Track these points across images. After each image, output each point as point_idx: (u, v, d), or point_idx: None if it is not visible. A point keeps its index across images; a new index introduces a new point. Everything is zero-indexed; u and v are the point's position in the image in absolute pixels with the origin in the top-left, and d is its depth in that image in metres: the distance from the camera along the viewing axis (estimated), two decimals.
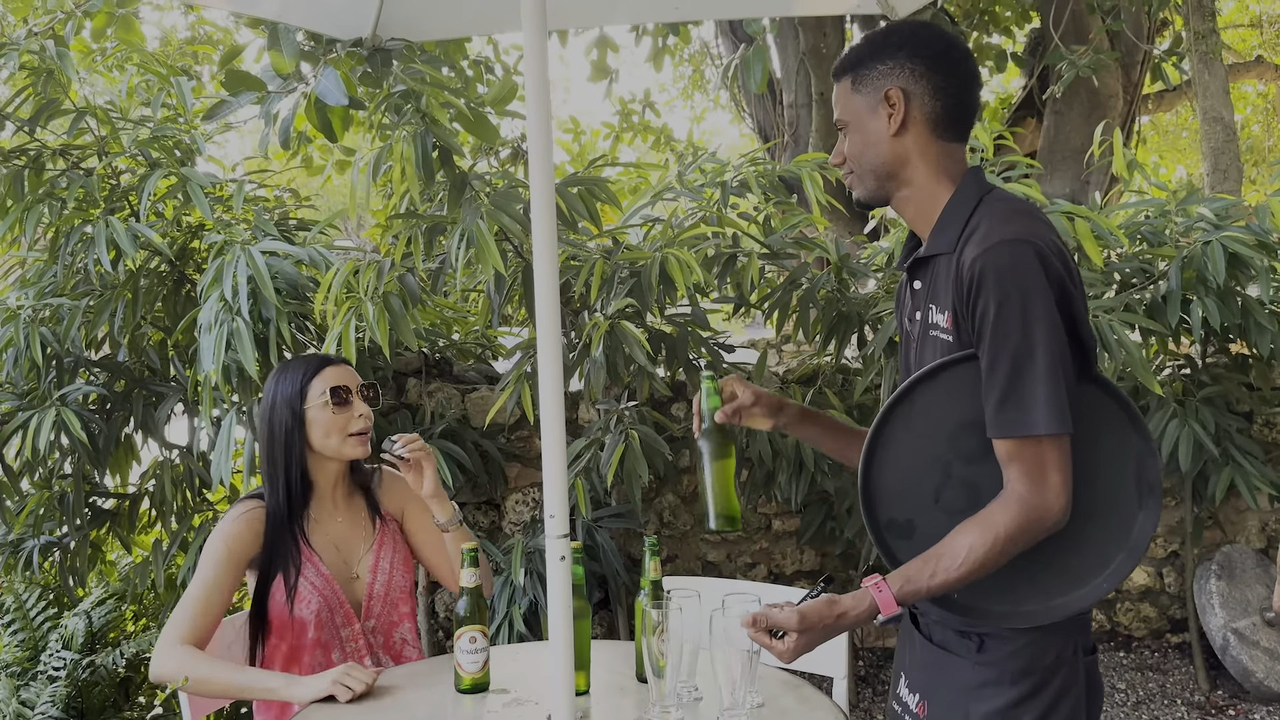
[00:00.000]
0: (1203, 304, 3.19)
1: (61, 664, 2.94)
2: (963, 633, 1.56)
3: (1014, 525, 1.44)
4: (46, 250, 3.19)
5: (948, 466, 1.53)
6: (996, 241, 1.43)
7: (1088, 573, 1.52)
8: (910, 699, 1.66)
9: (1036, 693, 1.51)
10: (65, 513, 3.21)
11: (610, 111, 7.98)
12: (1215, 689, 3.78)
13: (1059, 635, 1.53)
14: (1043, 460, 1.43)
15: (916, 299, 1.62)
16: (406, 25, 2.76)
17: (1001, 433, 1.45)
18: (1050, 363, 1.41)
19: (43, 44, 2.99)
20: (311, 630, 2.12)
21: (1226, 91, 5.02)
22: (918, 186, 1.57)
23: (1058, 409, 1.41)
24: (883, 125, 1.55)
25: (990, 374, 1.44)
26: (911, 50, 1.54)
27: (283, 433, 2.14)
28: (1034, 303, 1.41)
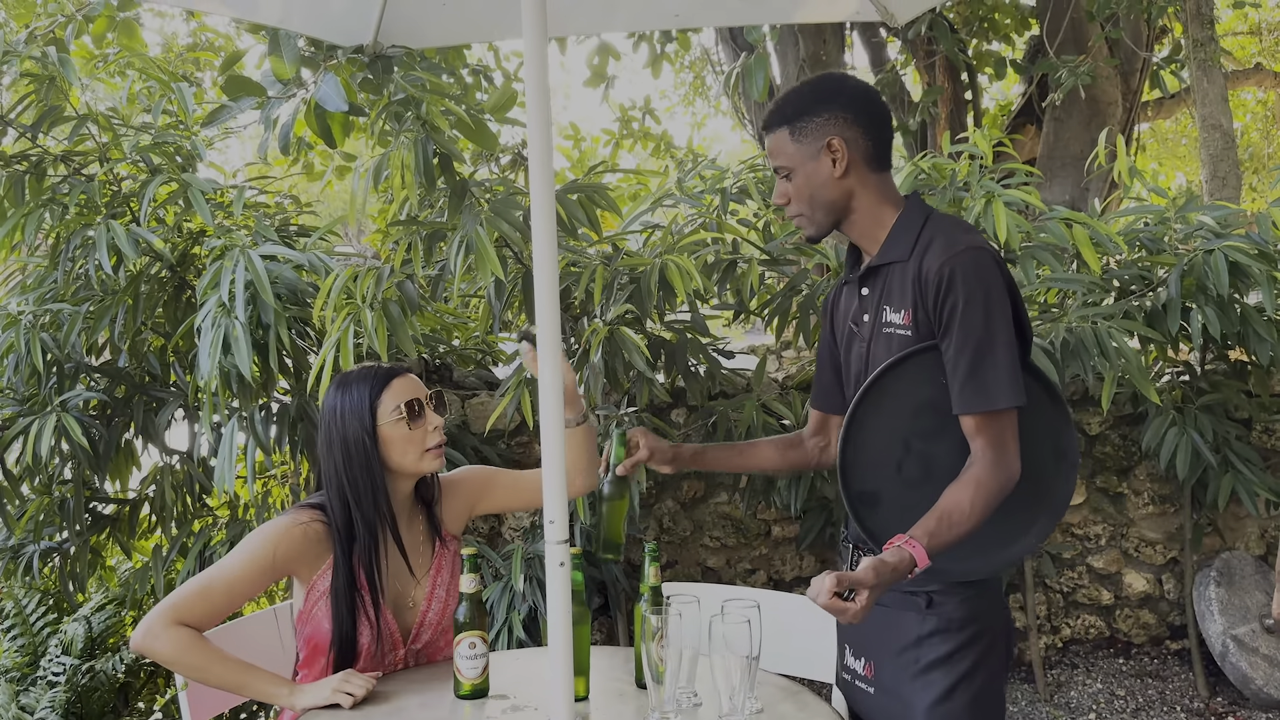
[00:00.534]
0: (1202, 312, 3.20)
1: (61, 669, 2.94)
2: (911, 592, 1.79)
3: (995, 485, 1.68)
4: (47, 256, 3.19)
5: (908, 442, 1.79)
6: (963, 249, 1.70)
7: (1018, 533, 1.79)
8: (856, 664, 1.91)
9: (976, 639, 1.79)
10: (65, 518, 3.21)
11: (610, 118, 7.98)
12: (1215, 695, 3.78)
13: (990, 586, 1.83)
14: (1003, 430, 1.70)
15: (865, 303, 1.87)
16: (407, 32, 2.76)
17: (969, 409, 1.70)
18: (1008, 348, 1.69)
19: (44, 50, 3.00)
20: (362, 659, 2.05)
21: (1225, 99, 5.02)
22: (863, 212, 1.83)
23: (1015, 385, 1.68)
24: (826, 169, 1.80)
25: (957, 360, 1.70)
26: (841, 102, 1.80)
27: (360, 452, 2.00)
28: (994, 299, 1.69)
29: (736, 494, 3.84)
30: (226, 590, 1.96)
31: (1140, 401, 3.67)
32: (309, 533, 2.02)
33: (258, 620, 2.39)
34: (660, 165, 8.32)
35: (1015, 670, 4.02)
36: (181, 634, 1.90)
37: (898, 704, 1.83)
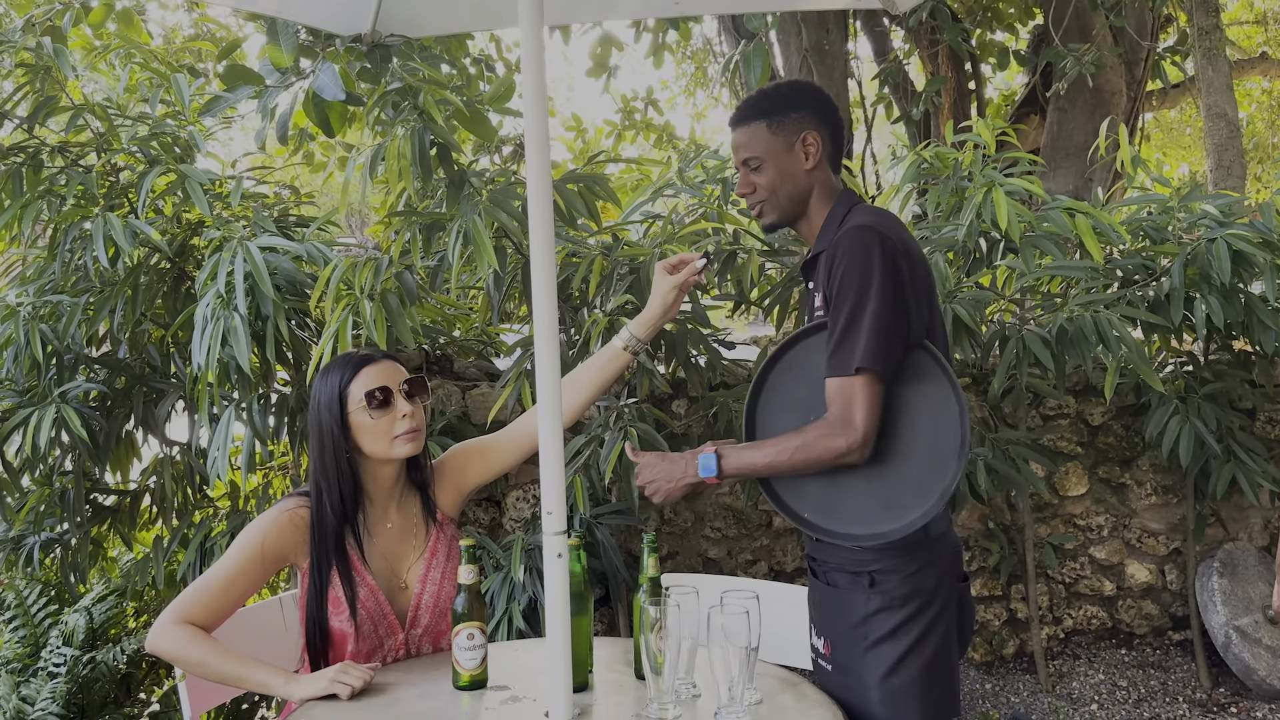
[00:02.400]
0: (1206, 301, 3.18)
1: (62, 660, 2.95)
2: (855, 573, 1.89)
3: (812, 438, 1.81)
4: (46, 247, 3.19)
5: (811, 408, 1.89)
6: (850, 229, 1.87)
7: (909, 507, 1.83)
8: (819, 642, 1.98)
9: (920, 613, 1.87)
10: (66, 509, 3.21)
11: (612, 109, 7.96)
12: (1217, 686, 3.77)
13: (935, 566, 1.90)
14: (851, 397, 1.79)
15: (809, 294, 2.01)
16: (406, 21, 2.75)
17: (830, 373, 1.82)
18: (873, 321, 1.78)
19: (39, 40, 2.98)
20: (353, 643, 2.06)
21: (1230, 88, 5.00)
22: (815, 207, 2.00)
23: (874, 352, 1.77)
24: (799, 161, 1.97)
25: (831, 329, 1.83)
26: (814, 103, 1.98)
27: (330, 442, 2.05)
28: (868, 273, 1.79)
29: (737, 484, 3.83)
30: (223, 587, 1.99)
31: (1143, 392, 3.65)
32: (295, 520, 2.06)
33: (263, 609, 2.39)
34: (663, 156, 8.30)
35: (1017, 661, 4.01)
36: (184, 632, 1.94)
37: (852, 679, 1.90)
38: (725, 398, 3.34)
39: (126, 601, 3.40)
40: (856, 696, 1.89)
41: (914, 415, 1.84)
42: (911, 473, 1.83)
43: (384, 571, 2.13)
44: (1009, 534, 4.00)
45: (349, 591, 2.05)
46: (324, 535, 2.06)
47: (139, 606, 3.53)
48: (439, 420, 3.41)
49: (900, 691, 1.86)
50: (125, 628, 3.44)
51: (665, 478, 1.97)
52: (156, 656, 2.06)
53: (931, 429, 1.84)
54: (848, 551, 1.90)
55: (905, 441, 1.84)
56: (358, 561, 2.09)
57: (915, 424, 1.84)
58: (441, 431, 3.35)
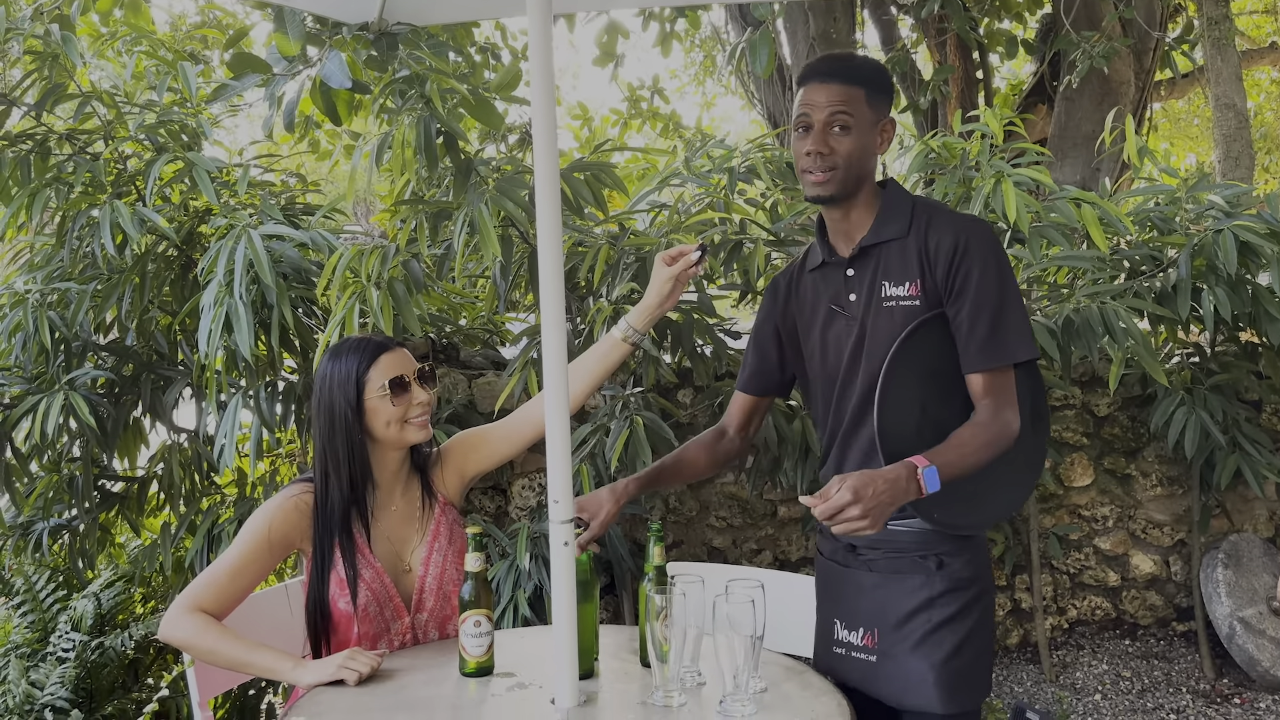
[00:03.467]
0: (1213, 293, 3.17)
1: (71, 645, 2.96)
2: (922, 555, 1.90)
3: (997, 436, 1.80)
4: (54, 234, 3.19)
5: (924, 407, 1.88)
6: (970, 222, 1.87)
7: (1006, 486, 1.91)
8: (852, 636, 1.96)
9: (981, 595, 1.91)
10: (74, 496, 3.23)
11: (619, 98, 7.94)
12: (1221, 677, 3.78)
13: (984, 546, 1.96)
14: (1009, 387, 1.83)
15: (852, 283, 1.95)
16: (412, 10, 2.74)
17: (983, 365, 1.82)
18: (1020, 308, 1.84)
19: (47, 28, 2.99)
20: (359, 625, 2.08)
21: (1239, 78, 4.97)
22: (864, 194, 1.94)
23: (1028, 340, 1.84)
24: (874, 143, 1.91)
25: (974, 321, 1.82)
26: (892, 94, 1.96)
27: (343, 424, 2.06)
28: (1004, 266, 1.84)
29: (743, 474, 3.84)
30: (231, 574, 2.01)
31: (1149, 383, 3.65)
32: (300, 506, 2.08)
33: (270, 595, 2.41)
34: (669, 145, 8.28)
35: (1021, 651, 4.02)
36: (194, 620, 1.97)
37: (903, 667, 1.88)
38: (731, 387, 3.34)
39: (134, 587, 3.42)
40: (910, 684, 1.87)
41: None
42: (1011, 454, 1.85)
43: (388, 554, 2.15)
44: (1014, 524, 4.00)
45: (351, 573, 2.07)
46: (329, 516, 2.08)
47: (146, 592, 3.55)
48: (445, 409, 3.42)
49: (960, 675, 1.86)
50: (133, 613, 3.46)
51: (889, 500, 1.68)
52: (169, 644, 2.09)
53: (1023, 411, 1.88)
54: (913, 535, 1.90)
55: None
56: (363, 544, 2.11)
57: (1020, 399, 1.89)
58: (448, 420, 3.36)
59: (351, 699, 1.89)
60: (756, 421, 2.22)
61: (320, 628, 2.10)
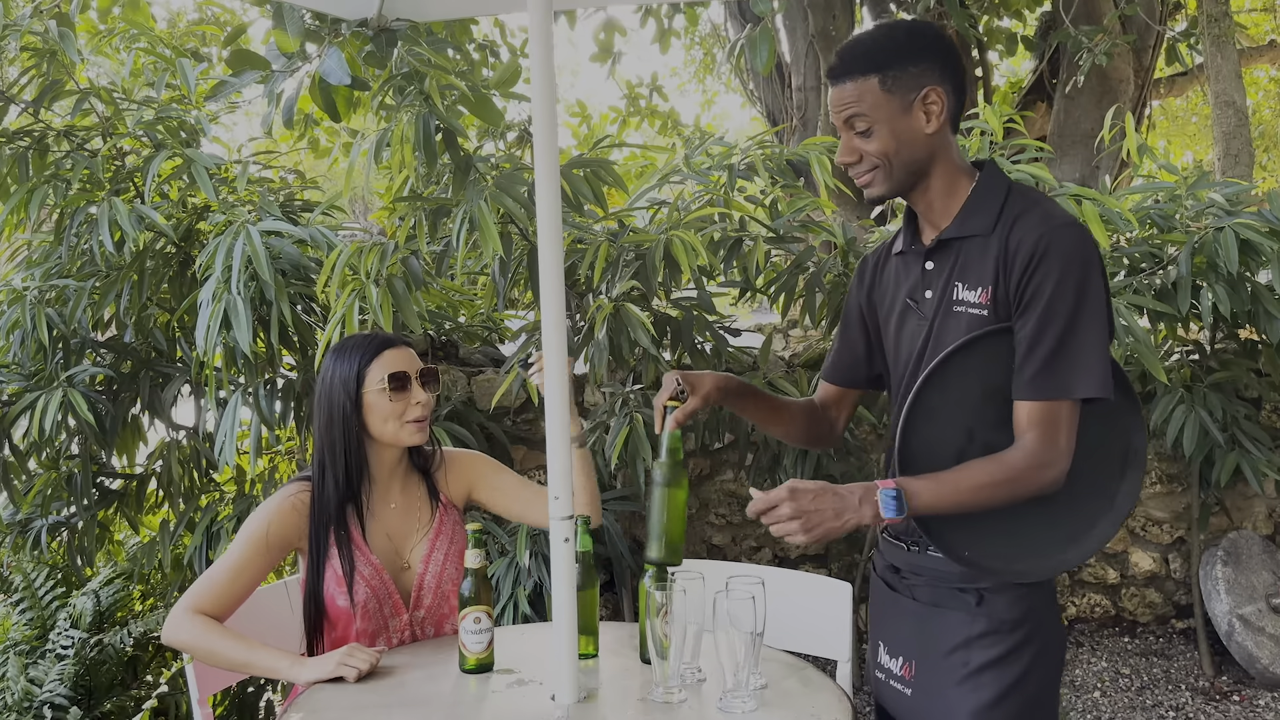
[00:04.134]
0: (1213, 290, 3.17)
1: (70, 643, 2.96)
2: (961, 589, 1.68)
3: (1020, 468, 1.56)
4: (52, 231, 3.19)
5: (970, 431, 1.64)
6: (1060, 224, 1.57)
7: (1079, 534, 1.66)
8: (893, 664, 1.77)
9: (1029, 641, 1.66)
10: (73, 493, 3.22)
11: (618, 95, 7.94)
12: (1220, 675, 3.78)
13: (1047, 586, 1.70)
14: (1058, 423, 1.56)
15: (929, 278, 1.71)
16: (412, 6, 2.74)
17: (1034, 395, 1.56)
18: (1097, 335, 1.56)
19: (45, 24, 2.98)
20: (358, 620, 2.08)
21: (1239, 75, 4.97)
22: (939, 177, 1.67)
23: (1099, 375, 1.55)
24: (919, 124, 1.63)
25: (1035, 342, 1.56)
26: (937, 51, 1.64)
27: (340, 416, 2.07)
28: (1089, 281, 1.55)
29: (743, 471, 3.84)
30: (230, 575, 2.02)
31: (1149, 380, 3.65)
32: (298, 505, 2.08)
33: (270, 593, 2.41)
34: (668, 143, 8.28)
35: None
36: (196, 622, 1.98)
37: (939, 707, 1.71)
38: None
39: (133, 585, 3.42)
40: None
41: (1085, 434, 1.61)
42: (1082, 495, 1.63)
43: (387, 550, 2.14)
44: None
45: (347, 567, 2.06)
46: (324, 510, 2.08)
47: (146, 590, 3.54)
48: (444, 406, 3.41)
49: None
50: (132, 611, 3.46)
51: (832, 514, 1.56)
52: (172, 647, 2.10)
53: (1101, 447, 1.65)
54: (952, 564, 1.67)
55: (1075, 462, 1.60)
56: (359, 538, 2.10)
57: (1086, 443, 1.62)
58: (447, 417, 3.35)
59: (351, 696, 1.89)
60: (844, 416, 1.99)
61: (317, 625, 2.10)
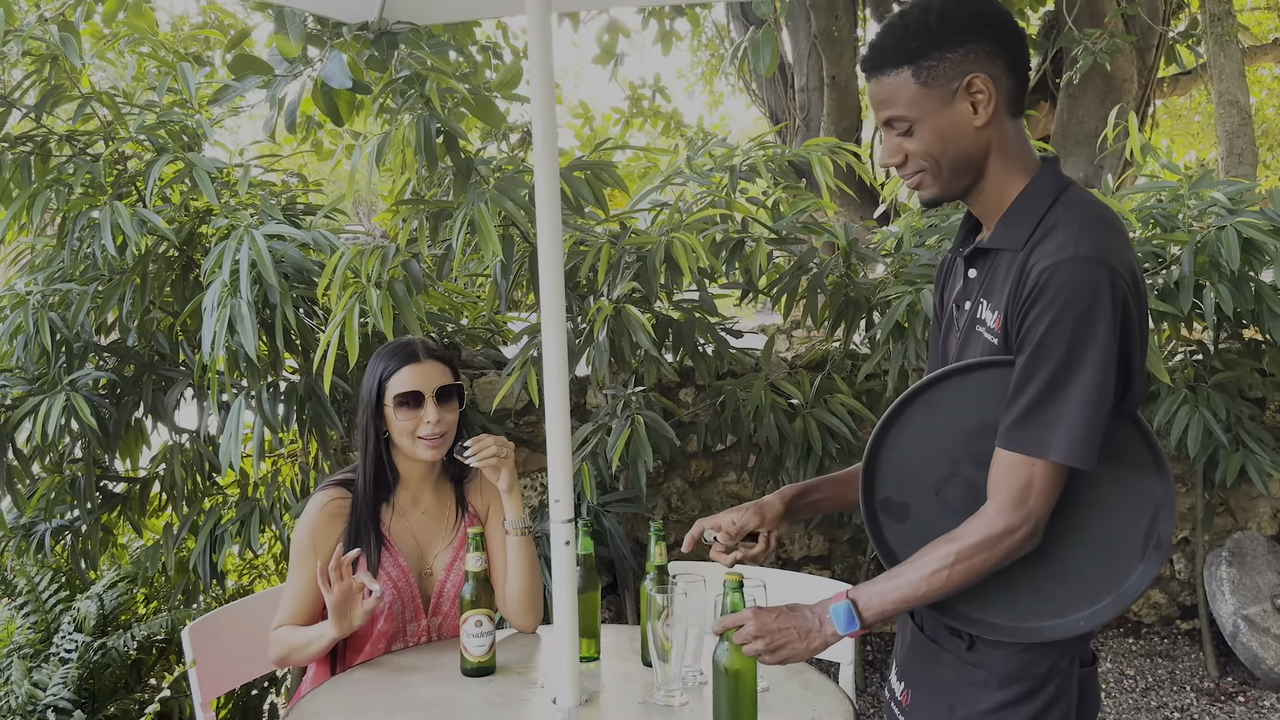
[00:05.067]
0: (1216, 289, 3.16)
1: (74, 646, 2.96)
2: (954, 630, 1.53)
3: (973, 544, 1.41)
4: (54, 236, 3.19)
5: (956, 463, 1.50)
6: (1069, 256, 1.36)
7: (1069, 607, 1.48)
8: (897, 686, 1.66)
9: (1023, 699, 1.48)
10: (76, 496, 3.23)
11: (620, 96, 7.94)
12: (1225, 675, 3.77)
13: (1056, 645, 1.49)
14: (1029, 485, 1.39)
15: (970, 287, 1.56)
16: (413, 9, 2.75)
17: (1009, 445, 1.41)
18: (1086, 393, 1.36)
19: (48, 29, 2.99)
20: (382, 621, 2.11)
21: (1242, 74, 4.96)
22: (993, 176, 1.49)
23: (1079, 441, 1.37)
24: (965, 117, 1.44)
25: (1020, 388, 1.40)
26: (981, 31, 1.43)
27: (364, 422, 2.16)
28: (1089, 329, 1.35)
29: (745, 473, 3.84)
30: (297, 593, 2.12)
31: (1152, 381, 3.64)
32: (333, 511, 2.14)
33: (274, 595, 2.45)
34: (670, 144, 8.28)
35: None
36: (274, 637, 2.12)
37: None
38: (733, 386, 3.34)
39: (137, 588, 3.42)
40: None
41: (1102, 501, 1.47)
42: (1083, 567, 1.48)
43: (413, 553, 2.19)
44: None
45: (374, 566, 2.11)
46: (359, 509, 2.15)
47: (149, 593, 3.55)
48: None
49: None
50: (135, 614, 3.46)
51: (797, 634, 1.50)
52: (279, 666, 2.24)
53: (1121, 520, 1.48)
54: None
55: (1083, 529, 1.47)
56: (388, 539, 2.16)
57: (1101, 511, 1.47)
58: None
59: (354, 699, 1.89)
60: None
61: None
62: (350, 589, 1.96)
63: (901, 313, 3.03)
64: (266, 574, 3.89)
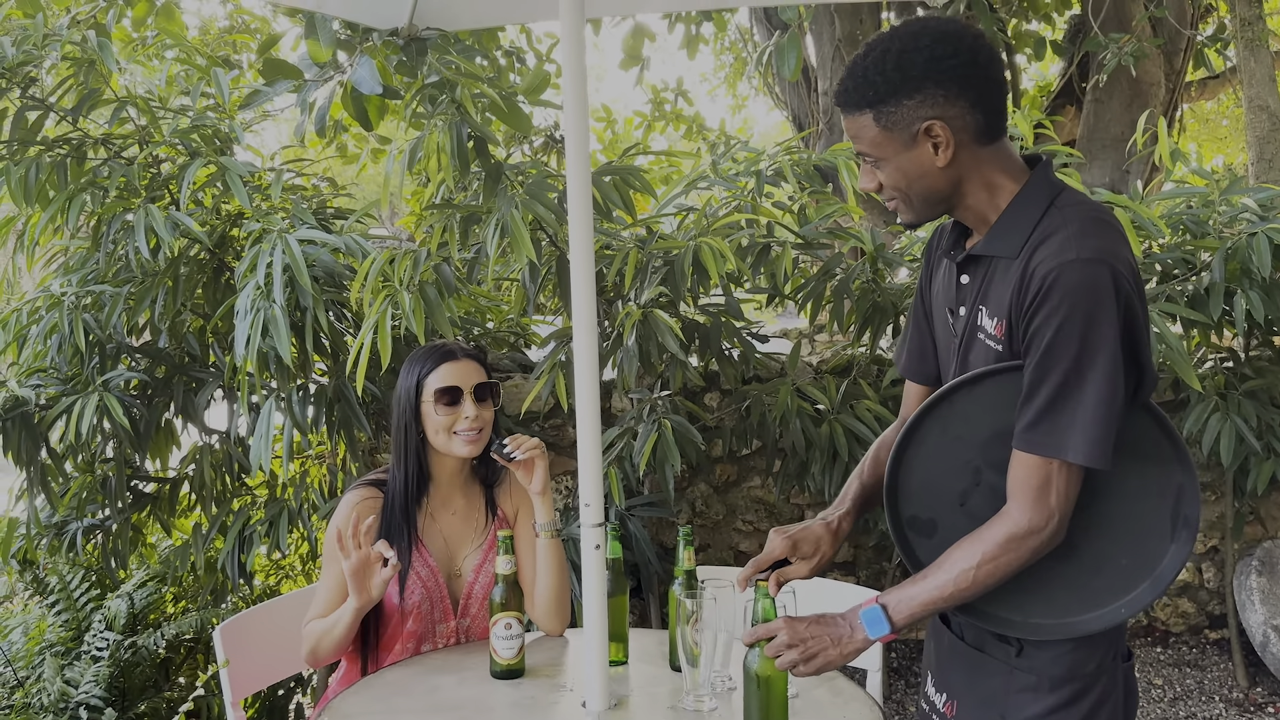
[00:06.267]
0: (1246, 296, 3.14)
1: (105, 644, 2.99)
2: (1001, 637, 1.55)
3: (998, 545, 1.45)
4: (89, 238, 3.23)
5: (977, 472, 1.53)
6: (1072, 259, 1.38)
7: (1107, 596, 1.51)
8: (938, 698, 1.67)
9: (1075, 700, 1.51)
10: (108, 496, 3.26)
11: (643, 100, 7.95)
12: (1254, 686, 3.73)
13: (1101, 642, 1.53)
14: (1049, 485, 1.42)
15: (963, 293, 1.58)
16: (442, 15, 2.76)
17: (1025, 448, 1.43)
18: (1099, 393, 1.39)
19: (84, 34, 3.02)
20: (411, 622, 2.14)
21: (1273, 79, 4.92)
22: (975, 195, 1.52)
23: (1094, 440, 1.39)
24: (927, 158, 1.47)
25: (1032, 390, 1.42)
26: (937, 74, 1.44)
27: (403, 422, 2.18)
28: (1097, 329, 1.38)
29: (770, 478, 3.83)
30: (326, 588, 2.15)
31: (1182, 388, 3.61)
32: (363, 512, 2.14)
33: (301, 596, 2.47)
34: (693, 148, 8.28)
35: None
36: (306, 629, 2.14)
37: None
38: (758, 391, 3.34)
39: (166, 587, 3.46)
40: None
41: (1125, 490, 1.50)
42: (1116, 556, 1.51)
43: (443, 554, 2.21)
44: None
45: (405, 566, 2.13)
46: (392, 509, 2.17)
47: (178, 592, 3.58)
48: None
49: None
50: (164, 613, 3.50)
51: (830, 641, 1.53)
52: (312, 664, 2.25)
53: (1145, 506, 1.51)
54: None
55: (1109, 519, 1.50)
56: (418, 538, 2.18)
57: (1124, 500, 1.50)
58: None
59: (383, 701, 1.91)
60: None
61: (370, 619, 2.15)
62: (368, 557, 1.99)
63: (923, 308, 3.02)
64: (293, 575, 3.92)
